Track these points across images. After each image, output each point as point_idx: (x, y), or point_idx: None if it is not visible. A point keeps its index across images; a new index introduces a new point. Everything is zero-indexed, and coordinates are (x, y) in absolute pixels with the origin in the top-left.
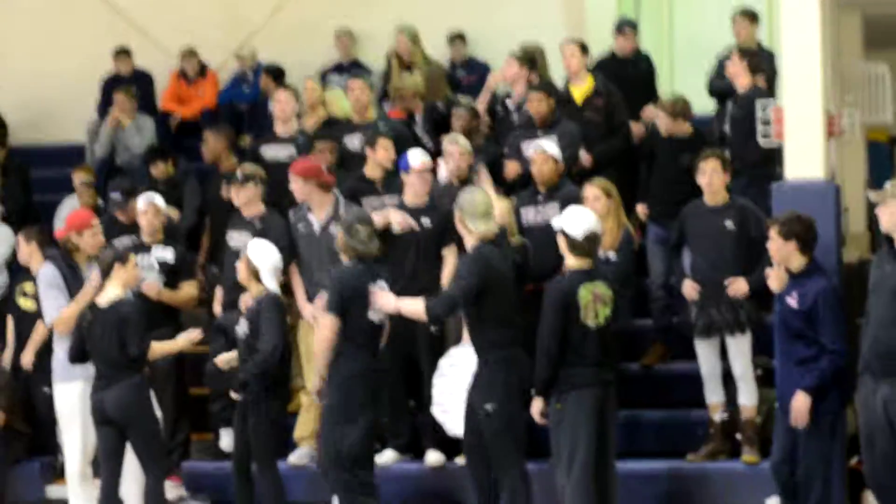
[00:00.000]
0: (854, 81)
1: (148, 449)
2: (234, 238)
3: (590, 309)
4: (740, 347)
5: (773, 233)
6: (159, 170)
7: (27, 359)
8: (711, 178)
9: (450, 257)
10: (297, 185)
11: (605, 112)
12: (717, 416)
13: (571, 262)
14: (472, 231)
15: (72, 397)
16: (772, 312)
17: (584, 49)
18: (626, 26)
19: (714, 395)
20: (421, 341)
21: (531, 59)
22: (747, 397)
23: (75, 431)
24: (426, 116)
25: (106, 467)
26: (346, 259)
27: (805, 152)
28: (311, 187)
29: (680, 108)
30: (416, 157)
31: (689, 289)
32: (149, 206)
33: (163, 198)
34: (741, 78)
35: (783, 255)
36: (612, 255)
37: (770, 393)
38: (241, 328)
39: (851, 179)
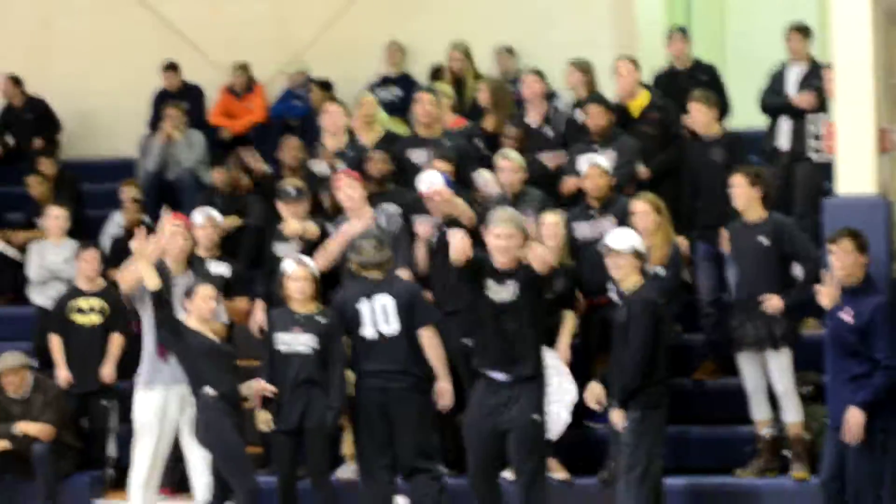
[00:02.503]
0: None
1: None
2: (280, 250)
3: None
4: (780, 363)
5: (849, 246)
6: (219, 178)
7: (108, 371)
8: (737, 193)
9: None
10: (350, 192)
11: (661, 125)
12: (765, 431)
13: (638, 279)
14: None
15: (151, 406)
16: (806, 327)
17: (636, 65)
18: (675, 32)
19: (759, 410)
20: (456, 354)
21: (588, 69)
22: (792, 414)
23: (149, 440)
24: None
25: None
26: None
27: (856, 167)
28: (361, 195)
29: (714, 100)
30: (423, 182)
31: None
32: (206, 220)
33: (222, 209)
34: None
35: (854, 269)
36: (660, 270)
37: (820, 410)
38: (306, 341)
39: None
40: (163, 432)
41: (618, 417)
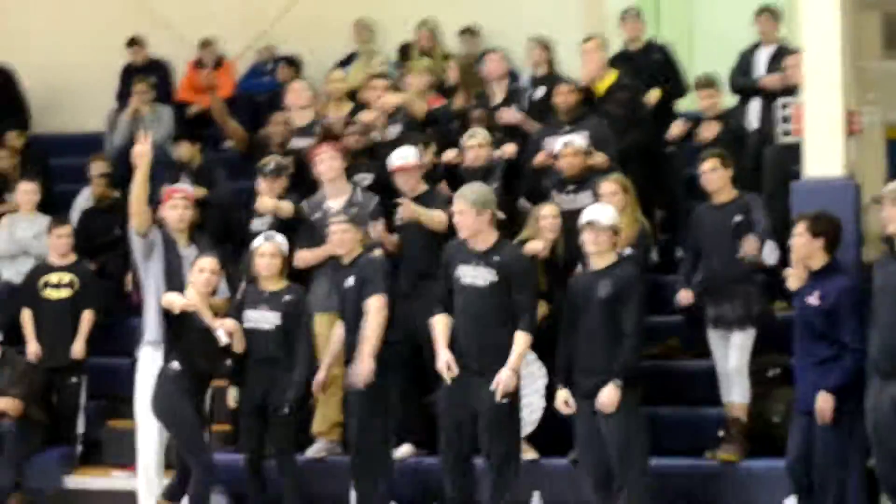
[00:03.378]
0: (874, 80)
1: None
2: (255, 225)
3: None
4: (744, 342)
5: (801, 229)
6: (186, 152)
7: (79, 347)
8: (710, 177)
9: None
10: (331, 164)
11: (628, 105)
12: (736, 413)
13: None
14: None
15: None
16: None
17: (603, 44)
18: (628, 13)
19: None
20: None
21: (548, 46)
22: (738, 394)
23: (154, 422)
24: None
25: None
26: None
27: (825, 150)
28: (341, 167)
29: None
30: (396, 157)
31: (683, 297)
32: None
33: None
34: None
35: (808, 252)
36: (628, 250)
37: (787, 392)
38: (271, 319)
39: (871, 178)
40: None
41: (613, 397)
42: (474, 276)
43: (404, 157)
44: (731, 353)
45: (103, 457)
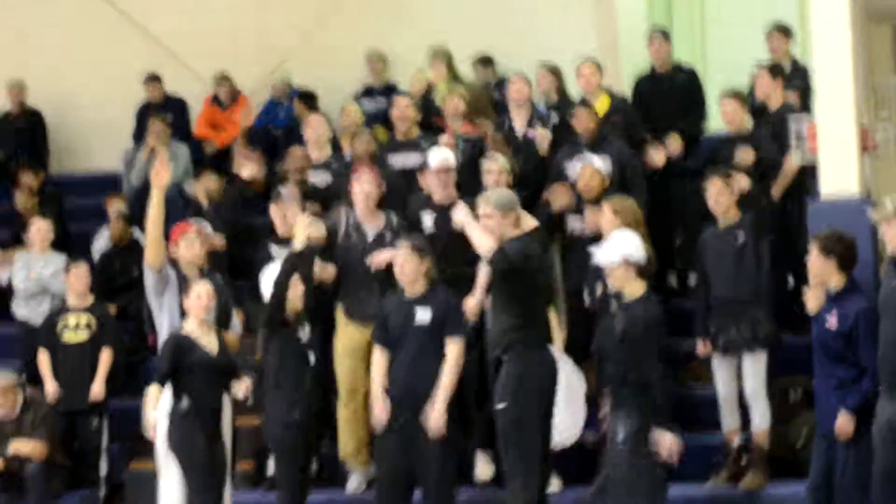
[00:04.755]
0: (887, 95)
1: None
2: (276, 251)
3: None
4: (756, 366)
5: (814, 249)
6: (212, 184)
7: (97, 388)
8: (717, 199)
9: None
10: (370, 189)
11: (624, 130)
12: (736, 440)
13: (639, 286)
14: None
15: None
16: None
17: (598, 67)
18: (655, 34)
19: (731, 418)
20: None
21: (558, 72)
22: (758, 419)
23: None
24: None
25: None
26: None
27: (839, 168)
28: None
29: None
30: (434, 157)
31: (702, 351)
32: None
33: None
34: (773, 96)
35: (823, 273)
36: None
37: (809, 415)
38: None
39: (888, 195)
40: None
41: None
42: None
43: (445, 159)
44: (747, 379)
45: (126, 500)
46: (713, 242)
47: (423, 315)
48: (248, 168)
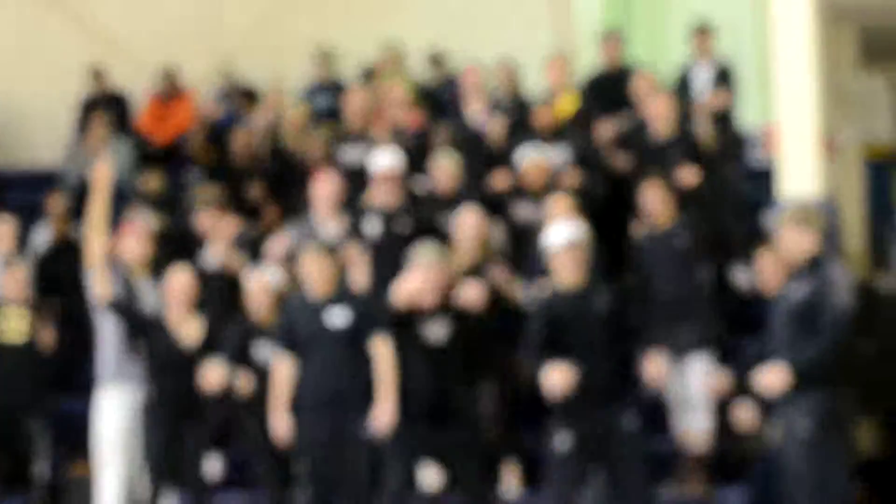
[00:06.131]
0: (850, 97)
1: None
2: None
3: None
4: (700, 367)
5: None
6: (155, 184)
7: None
8: (655, 202)
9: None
10: (332, 189)
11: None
12: (690, 444)
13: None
14: None
15: (122, 406)
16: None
17: (567, 63)
18: (609, 34)
19: (682, 422)
20: None
21: (514, 68)
22: (699, 422)
23: (119, 454)
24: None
25: None
26: None
27: (800, 170)
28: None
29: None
30: (380, 161)
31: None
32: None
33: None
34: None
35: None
36: None
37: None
38: None
39: (848, 198)
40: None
41: None
42: None
43: (391, 166)
44: (691, 381)
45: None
46: (650, 245)
47: (340, 316)
48: None
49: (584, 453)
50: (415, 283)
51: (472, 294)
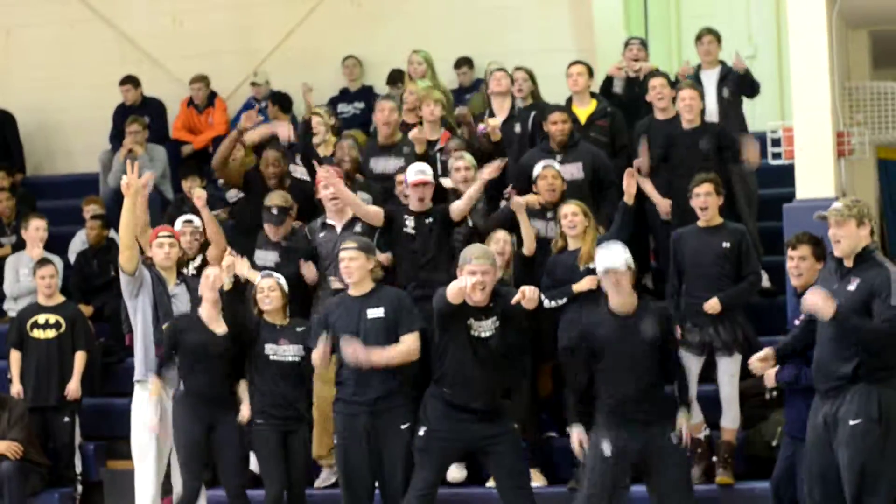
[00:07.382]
0: (863, 100)
1: None
2: (261, 258)
3: None
4: (731, 369)
5: (805, 252)
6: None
7: (74, 387)
8: (706, 201)
9: None
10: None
11: (610, 133)
12: (701, 435)
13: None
14: None
15: (153, 402)
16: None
17: (589, 70)
18: (632, 41)
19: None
20: None
21: (533, 75)
22: (730, 420)
23: (151, 462)
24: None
25: None
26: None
27: (815, 172)
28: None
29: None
30: (411, 172)
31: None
32: (186, 227)
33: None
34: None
35: (809, 275)
36: (592, 266)
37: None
38: (292, 350)
39: (863, 198)
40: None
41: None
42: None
43: (423, 172)
44: (724, 382)
45: (104, 498)
46: (693, 242)
47: (376, 314)
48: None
49: (624, 461)
50: (468, 281)
51: (530, 294)
